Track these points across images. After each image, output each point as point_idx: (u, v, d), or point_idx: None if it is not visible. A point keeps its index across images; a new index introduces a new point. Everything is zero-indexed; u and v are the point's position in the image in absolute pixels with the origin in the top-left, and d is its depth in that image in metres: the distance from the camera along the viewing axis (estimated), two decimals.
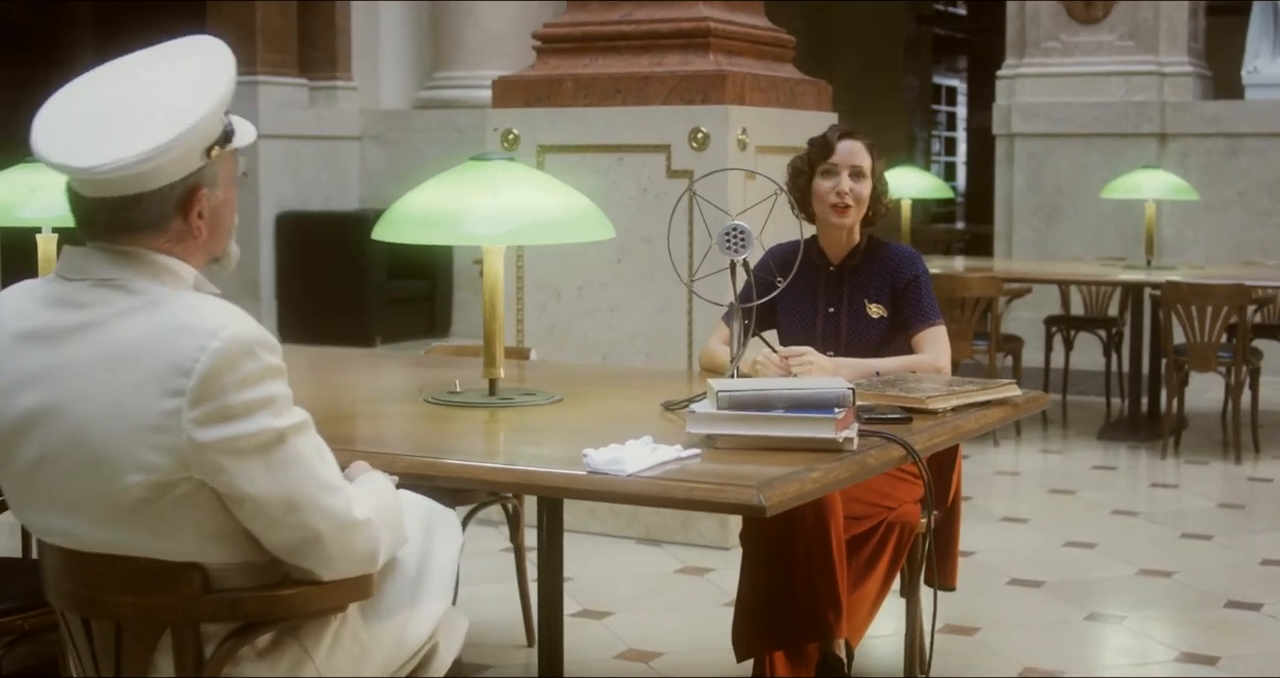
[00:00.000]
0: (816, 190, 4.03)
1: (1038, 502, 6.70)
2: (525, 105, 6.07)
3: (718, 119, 5.72)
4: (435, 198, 3.47)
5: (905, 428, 3.15)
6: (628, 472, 2.65)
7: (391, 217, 3.49)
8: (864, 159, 4.03)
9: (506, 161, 3.55)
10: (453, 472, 2.76)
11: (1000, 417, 3.47)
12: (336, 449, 2.81)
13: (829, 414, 2.86)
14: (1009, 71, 11.07)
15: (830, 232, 4.04)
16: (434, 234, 3.42)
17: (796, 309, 4.07)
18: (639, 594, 5.14)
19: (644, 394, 3.65)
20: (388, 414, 3.33)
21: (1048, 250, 10.74)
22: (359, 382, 3.90)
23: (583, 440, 2.98)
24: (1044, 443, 8.00)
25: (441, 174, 3.55)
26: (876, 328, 3.99)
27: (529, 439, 3.10)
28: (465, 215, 3.41)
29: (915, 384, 3.51)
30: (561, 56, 6.10)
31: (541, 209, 3.47)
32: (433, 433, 3.12)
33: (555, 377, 4.03)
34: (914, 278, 3.99)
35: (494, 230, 3.41)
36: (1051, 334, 9.13)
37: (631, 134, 5.87)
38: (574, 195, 3.58)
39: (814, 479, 2.68)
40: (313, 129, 12.76)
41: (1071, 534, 6.00)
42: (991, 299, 7.85)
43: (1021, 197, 10.94)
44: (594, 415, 3.38)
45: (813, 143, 4.08)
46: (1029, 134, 10.89)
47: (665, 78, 5.83)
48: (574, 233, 3.53)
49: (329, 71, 13.05)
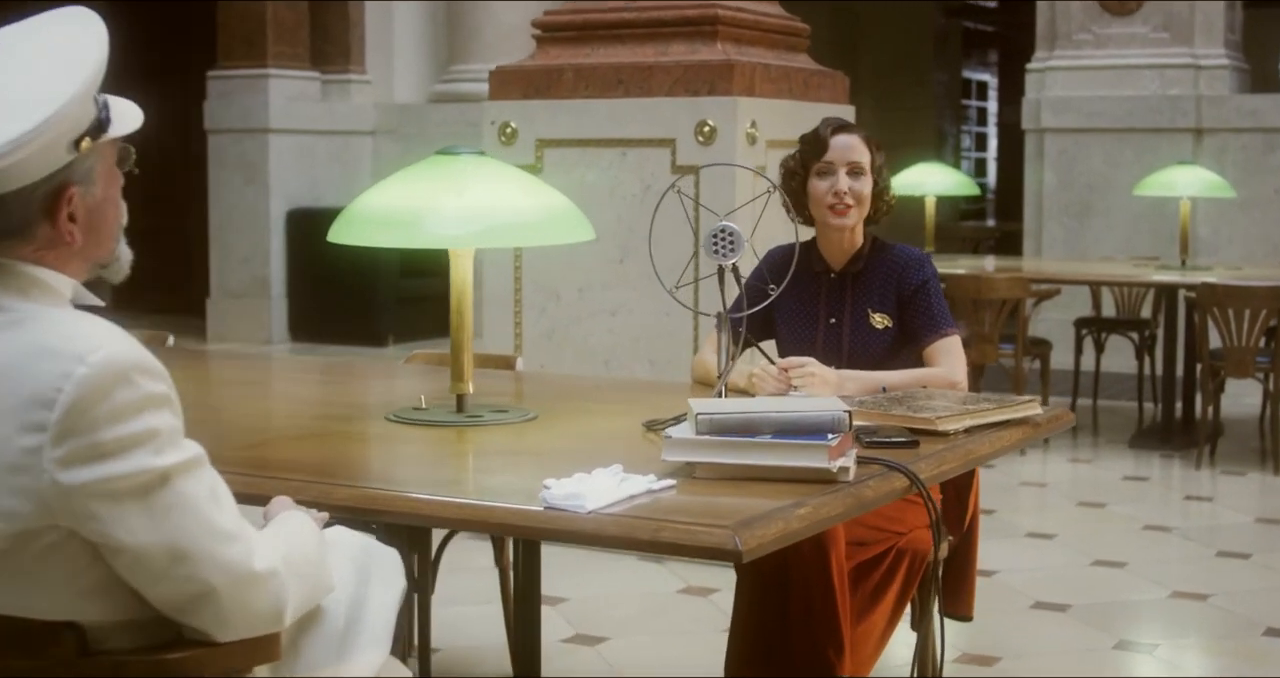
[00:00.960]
0: (812, 192, 3.70)
1: (1065, 516, 6.36)
2: (524, 97, 5.76)
3: (725, 111, 5.40)
4: (397, 196, 3.15)
5: (911, 453, 2.83)
6: (588, 509, 2.34)
7: (348, 217, 3.18)
8: (862, 154, 3.69)
9: (475, 156, 3.24)
10: (390, 506, 2.45)
11: (1019, 438, 3.14)
12: (271, 478, 2.51)
13: (821, 441, 2.54)
14: (1039, 65, 10.70)
15: (830, 235, 3.71)
16: (394, 236, 3.11)
17: (795, 320, 3.74)
18: (637, 617, 4.83)
19: (630, 410, 3.33)
20: (341, 435, 3.02)
21: (1079, 249, 10.38)
22: (321, 395, 3.60)
23: (548, 467, 2.68)
24: (1073, 452, 7.66)
25: (404, 170, 3.24)
26: (881, 340, 3.66)
27: (489, 465, 2.78)
28: (429, 215, 3.09)
29: (925, 401, 3.18)
30: (562, 46, 5.79)
31: (513, 209, 3.16)
32: (384, 458, 2.81)
33: (536, 390, 3.72)
34: (921, 283, 3.65)
35: (460, 232, 3.09)
36: (1082, 337, 8.79)
37: (634, 127, 5.56)
38: (549, 193, 3.26)
39: (801, 517, 2.36)
40: (325, 123, 12.47)
41: (1100, 552, 5.66)
42: (1018, 301, 7.50)
43: (1052, 194, 10.58)
44: (568, 437, 3.06)
45: (804, 140, 3.74)
46: (1060, 129, 10.52)
47: (670, 68, 5.51)
48: (549, 234, 3.22)
49: (342, 65, 12.77)
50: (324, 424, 3.14)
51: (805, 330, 3.72)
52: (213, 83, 12.35)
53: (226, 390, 3.67)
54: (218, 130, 12.28)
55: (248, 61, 12.16)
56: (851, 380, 3.45)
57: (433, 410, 3.25)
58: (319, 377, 3.92)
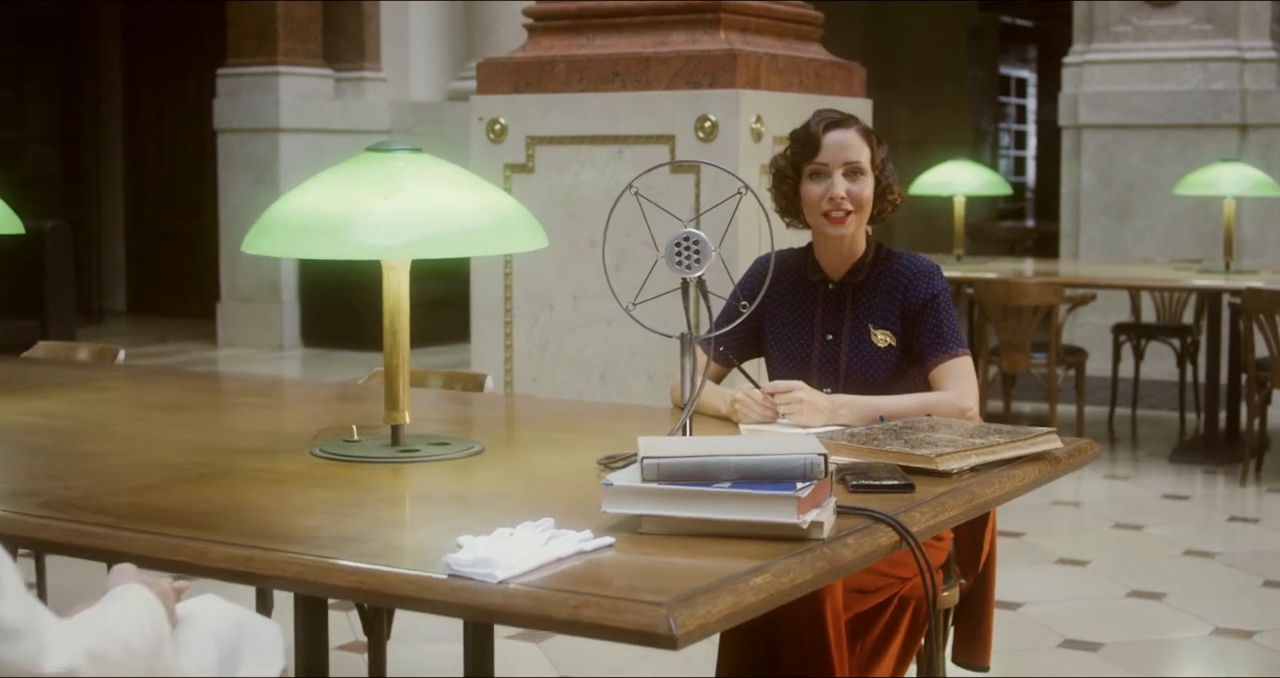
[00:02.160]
0: (805, 196, 3.27)
1: (1100, 539, 5.92)
2: (514, 91, 5.36)
3: (728, 105, 4.99)
4: (320, 200, 2.75)
5: (905, 499, 2.42)
6: (498, 578, 1.94)
7: (265, 225, 2.79)
8: (860, 151, 3.25)
9: (412, 154, 2.85)
10: (270, 570, 2.05)
11: (1035, 477, 2.72)
12: (144, 533, 2.12)
13: (788, 490, 2.13)
14: (1076, 58, 10.24)
15: (827, 242, 3.29)
16: (315, 246, 2.70)
17: (788, 336, 3.32)
18: (625, 662, 4.42)
19: (594, 442, 2.93)
20: (249, 474, 2.63)
21: (1117, 251, 9.92)
22: (251, 422, 3.20)
23: (476, 516, 2.29)
24: (1110, 466, 7.21)
25: (330, 170, 2.85)
26: (883, 359, 3.23)
27: (406, 515, 2.38)
28: (357, 222, 2.69)
29: (927, 434, 2.76)
30: (555, 36, 5.39)
31: (454, 213, 2.75)
32: (287, 504, 2.41)
33: (495, 417, 3.32)
34: (930, 298, 3.23)
35: (392, 241, 2.69)
36: (1120, 343, 8.35)
37: (631, 123, 5.15)
38: (496, 195, 2.86)
39: (758, 588, 1.95)
40: (338, 122, 12.10)
41: (1137, 581, 5.23)
42: (1051, 307, 7.06)
43: (1089, 193, 10.12)
44: (510, 476, 2.66)
45: (794, 138, 3.29)
46: (1098, 125, 10.06)
47: (669, 58, 5.10)
48: (496, 243, 2.81)
49: (356, 62, 12.40)
50: (236, 461, 2.74)
51: (798, 348, 3.30)
52: (222, 80, 11.99)
53: (149, 417, 3.28)
54: (227, 129, 11.93)
55: (258, 58, 11.80)
56: (846, 407, 3.04)
57: (364, 443, 2.86)
58: (260, 400, 3.53)
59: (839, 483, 2.50)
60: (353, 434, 2.90)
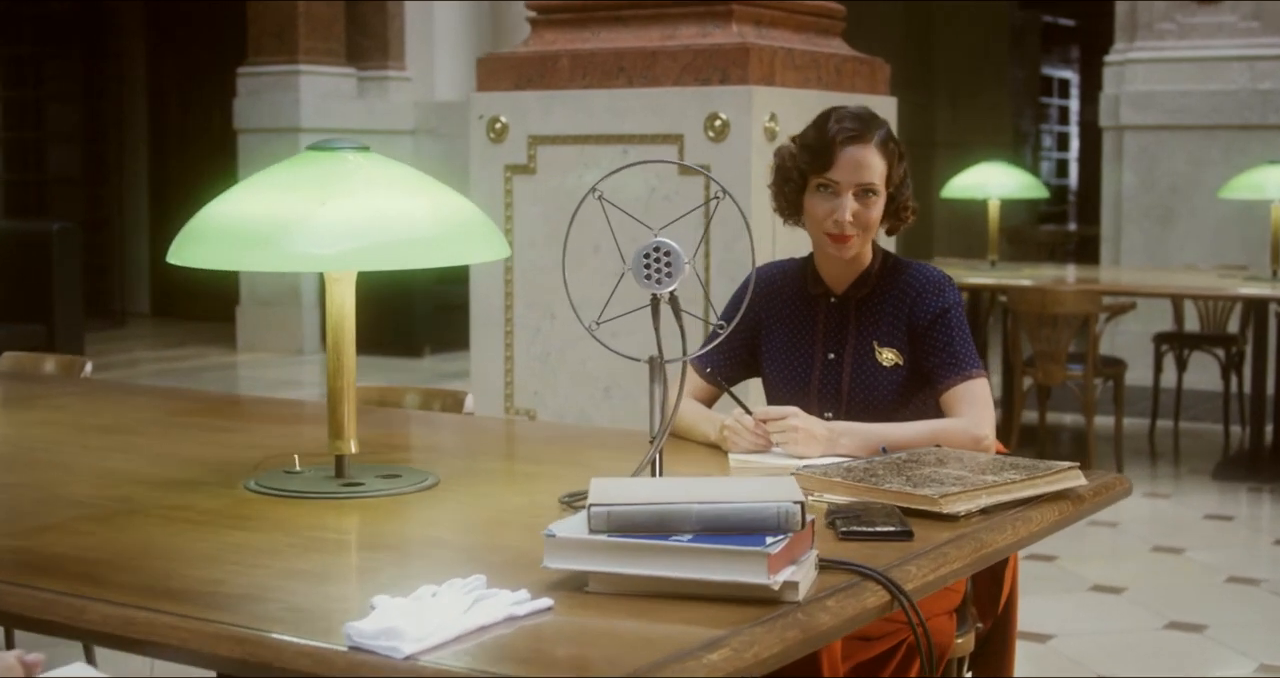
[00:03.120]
0: (809, 208, 2.94)
1: (1138, 564, 5.58)
2: (515, 88, 5.06)
3: (739, 103, 4.68)
4: (255, 205, 2.46)
5: (901, 549, 2.11)
6: (404, 653, 1.64)
7: (191, 233, 2.50)
8: (876, 171, 2.89)
9: (357, 153, 2.55)
10: (151, 635, 1.76)
11: (1054, 520, 2.40)
12: (18, 586, 1.84)
13: (757, 546, 1.82)
14: (1118, 57, 9.88)
15: (829, 255, 2.98)
16: (248, 257, 2.41)
17: (786, 355, 3.01)
18: None
19: (563, 474, 2.63)
20: (165, 512, 2.34)
21: (1160, 256, 9.55)
22: (193, 448, 2.91)
23: (399, 570, 1.99)
24: (1151, 483, 6.87)
25: (266, 170, 2.55)
26: (888, 381, 2.92)
27: (327, 566, 2.07)
28: (294, 230, 2.39)
29: (933, 469, 2.45)
30: (559, 29, 5.09)
31: (403, 220, 2.46)
32: (194, 552, 2.12)
33: (462, 443, 3.02)
34: (940, 312, 2.91)
35: (332, 251, 2.39)
36: (1161, 353, 8.00)
37: (637, 121, 4.85)
38: (452, 200, 2.56)
39: (712, 667, 1.64)
40: (361, 122, 11.84)
41: (1177, 611, 4.90)
42: (1088, 316, 6.73)
43: (1131, 196, 9.76)
44: (455, 518, 2.36)
45: (806, 144, 2.94)
46: (1140, 126, 9.70)
47: (677, 53, 4.80)
48: (450, 253, 2.51)
49: (380, 61, 12.15)
50: (158, 495, 2.45)
51: (797, 368, 2.99)
52: (242, 79, 11.75)
53: (86, 441, 2.99)
54: (247, 129, 11.68)
55: (278, 57, 11.55)
56: (847, 435, 2.73)
57: (305, 475, 2.56)
58: (214, 421, 3.24)
59: (828, 527, 2.20)
60: (294, 464, 2.61)
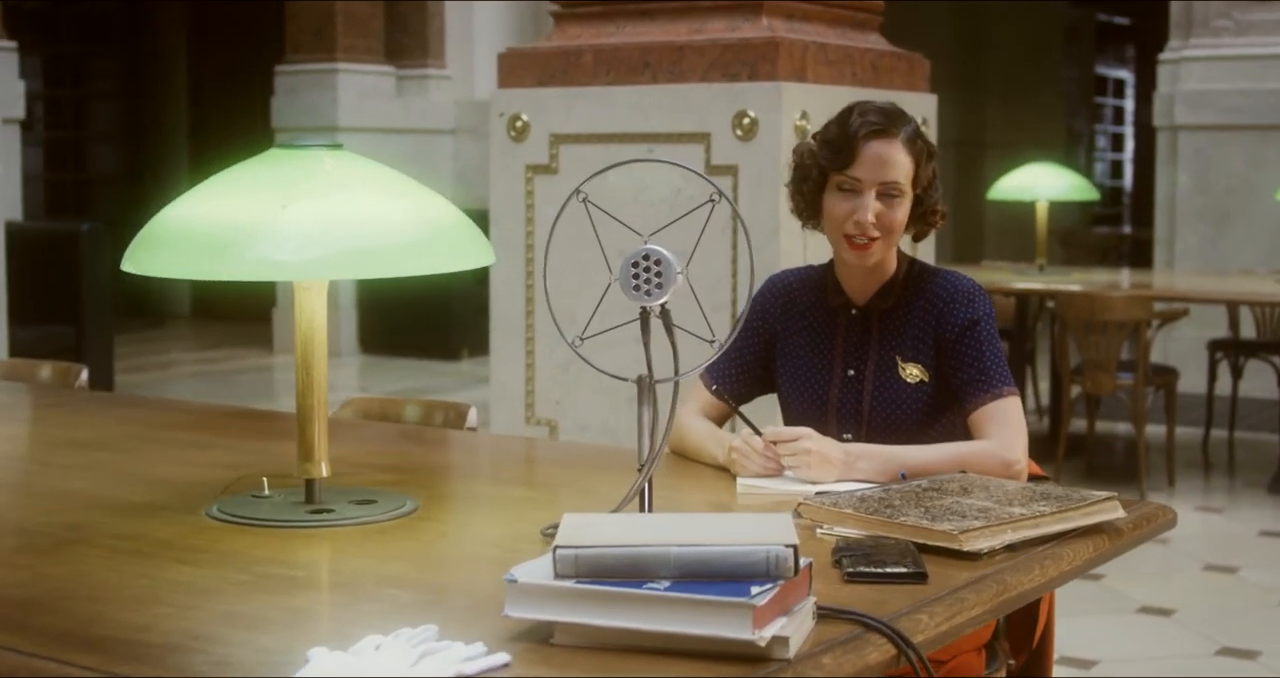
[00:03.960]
0: (828, 210, 2.72)
1: (1189, 584, 5.33)
2: (537, 84, 4.86)
3: (768, 99, 4.46)
4: (215, 208, 2.26)
5: (914, 593, 1.89)
6: None
7: (147, 238, 2.30)
8: (902, 169, 2.67)
9: (329, 151, 2.36)
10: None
11: (1088, 558, 2.18)
12: None
13: (741, 596, 1.61)
14: (1172, 55, 9.59)
15: (849, 263, 2.76)
16: (206, 265, 2.20)
17: (803, 371, 2.78)
18: None
19: (557, 500, 2.43)
20: (115, 542, 2.14)
21: (1215, 260, 9.26)
22: (162, 468, 2.71)
23: (346, 615, 1.79)
24: (1204, 496, 6.61)
25: (229, 170, 2.36)
26: (912, 399, 2.69)
27: (263, 610, 1.86)
28: (258, 235, 2.19)
29: (956, 499, 2.23)
30: (583, 23, 4.88)
31: (378, 224, 2.26)
32: (133, 587, 1.92)
33: (452, 463, 2.82)
34: (969, 325, 2.68)
35: (298, 258, 2.19)
36: (1216, 360, 7.72)
37: (663, 119, 4.64)
38: (432, 203, 2.36)
39: None
40: (400, 121, 11.67)
41: (1229, 636, 4.65)
42: (1139, 323, 6.47)
43: (1186, 198, 9.47)
44: (423, 552, 2.14)
45: (827, 139, 2.71)
46: (1195, 126, 9.41)
47: (704, 47, 4.58)
48: (429, 260, 2.31)
49: (420, 59, 11.97)
50: (110, 523, 2.26)
51: (815, 385, 2.76)
52: (280, 78, 11.60)
53: (53, 458, 2.81)
54: (284, 128, 11.52)
55: (316, 55, 11.39)
56: (864, 459, 2.51)
57: (274, 500, 2.37)
58: (195, 436, 3.04)
59: (834, 565, 1.99)
60: (263, 488, 2.41)
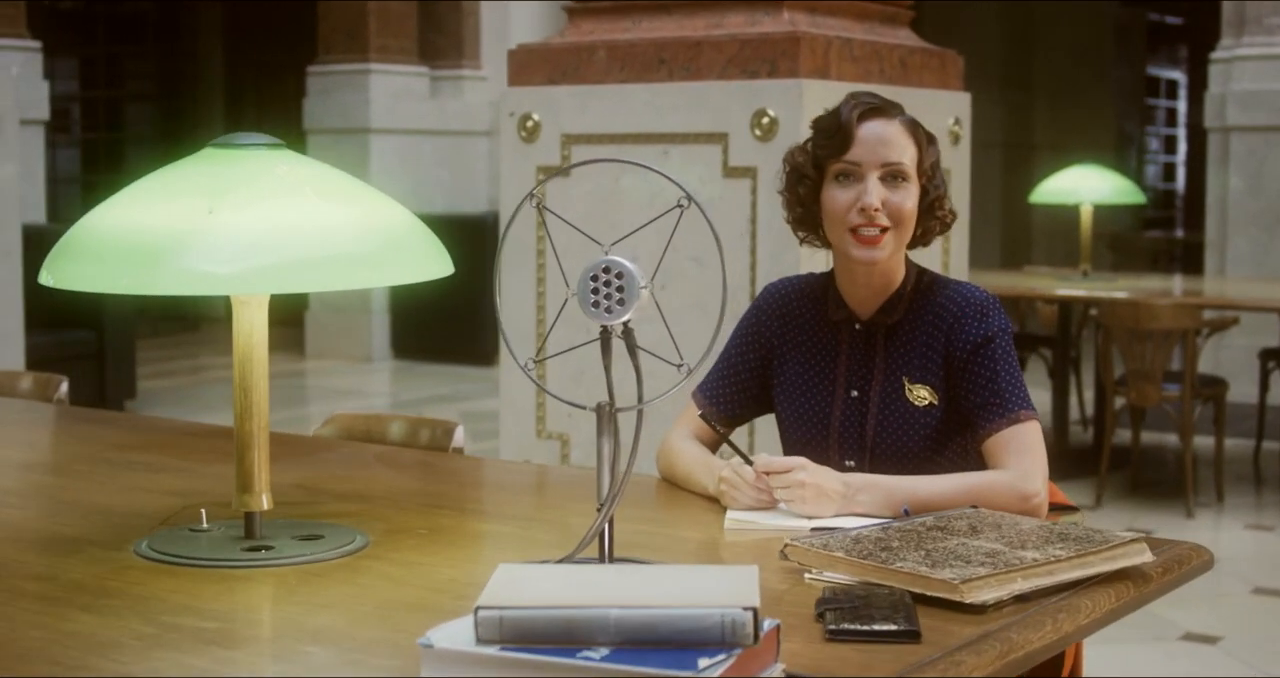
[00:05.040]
0: (828, 205, 2.48)
1: (1236, 608, 5.05)
2: (548, 82, 4.64)
3: (789, 97, 4.22)
4: (140, 215, 2.04)
5: (906, 654, 1.66)
6: None
7: (66, 248, 2.08)
8: (904, 149, 2.45)
9: (269, 150, 2.14)
10: None
11: (1109, 608, 1.93)
12: None
13: (686, 669, 1.38)
14: (1224, 54, 9.29)
15: (854, 270, 2.50)
16: (132, 278, 1.98)
17: (802, 391, 2.54)
18: None
19: (525, 536, 2.20)
20: (18, 586, 1.93)
21: (1268, 266, 8.96)
22: (107, 495, 2.49)
23: None
24: (1254, 513, 6.34)
25: (158, 172, 2.14)
26: (921, 423, 2.45)
27: (171, 667, 1.65)
28: (187, 244, 1.97)
29: (963, 539, 2.00)
30: (597, 18, 4.66)
31: (323, 232, 2.04)
32: (20, 644, 1.70)
33: (422, 489, 2.59)
34: (982, 342, 2.44)
35: (231, 269, 1.97)
36: (1269, 370, 7.42)
37: (679, 119, 4.41)
38: (383, 208, 2.14)
39: None
40: (434, 123, 11.47)
41: (1278, 666, 4.38)
42: (1186, 332, 6.20)
43: (1237, 202, 9.16)
44: (362, 596, 1.92)
45: (820, 127, 2.50)
46: (1247, 127, 9.10)
47: (722, 43, 4.35)
48: (377, 272, 2.09)
49: (455, 59, 11.77)
50: (27, 559, 2.05)
51: (815, 407, 2.53)
52: (312, 79, 11.43)
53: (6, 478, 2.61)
54: (316, 130, 11.35)
55: (349, 55, 11.21)
56: (865, 491, 2.27)
57: (212, 534, 2.15)
58: (152, 457, 2.82)
59: (817, 619, 1.76)
60: (201, 520, 2.20)
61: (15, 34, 8.76)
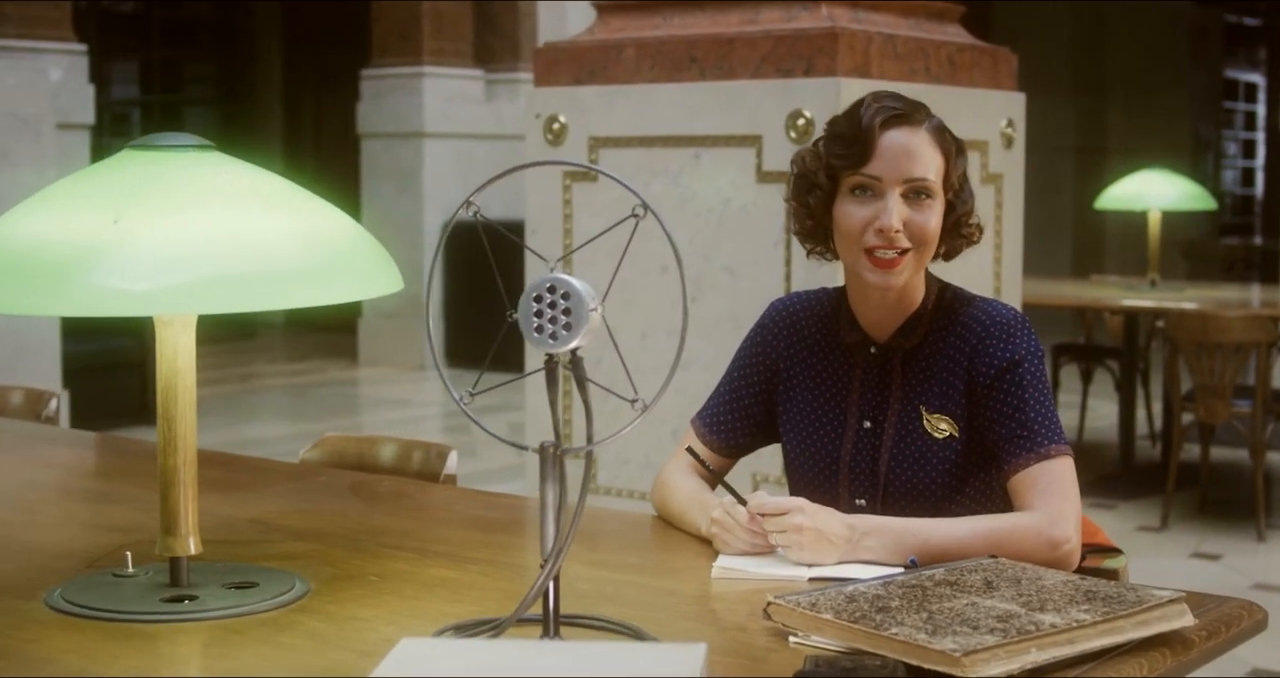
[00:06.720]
0: (841, 221, 2.21)
1: None
2: (575, 82, 4.40)
3: (825, 97, 3.96)
4: (44, 226, 1.81)
5: None
6: None
7: None
8: (930, 163, 2.17)
9: (198, 151, 1.91)
10: None
11: None
12: None
13: None
14: None
15: (867, 289, 2.23)
16: (33, 297, 1.75)
17: (811, 421, 2.28)
18: None
19: (485, 585, 1.97)
20: None
21: None
22: (40, 533, 2.27)
23: None
24: None
25: (68, 178, 1.91)
26: (939, 458, 2.18)
27: None
28: (98, 257, 1.75)
29: (973, 598, 1.74)
30: (626, 15, 4.42)
31: (256, 245, 1.80)
32: None
33: (387, 527, 2.34)
34: (1008, 366, 2.17)
35: (147, 287, 1.74)
36: None
37: (711, 120, 4.16)
38: (323, 217, 1.91)
39: None
40: (489, 127, 11.27)
41: None
42: (1258, 345, 5.88)
43: None
44: (280, 660, 1.68)
45: (836, 133, 2.22)
46: None
47: (756, 40, 4.10)
48: (316, 290, 1.85)
49: (510, 62, 11.56)
50: None
51: (824, 439, 2.27)
52: (366, 82, 11.26)
53: None
54: (370, 134, 11.18)
55: (403, 58, 11.03)
56: (872, 535, 2.02)
57: (137, 579, 1.93)
58: (114, 486, 2.61)
59: None
60: (127, 564, 1.97)
61: (59, 37, 8.61)
